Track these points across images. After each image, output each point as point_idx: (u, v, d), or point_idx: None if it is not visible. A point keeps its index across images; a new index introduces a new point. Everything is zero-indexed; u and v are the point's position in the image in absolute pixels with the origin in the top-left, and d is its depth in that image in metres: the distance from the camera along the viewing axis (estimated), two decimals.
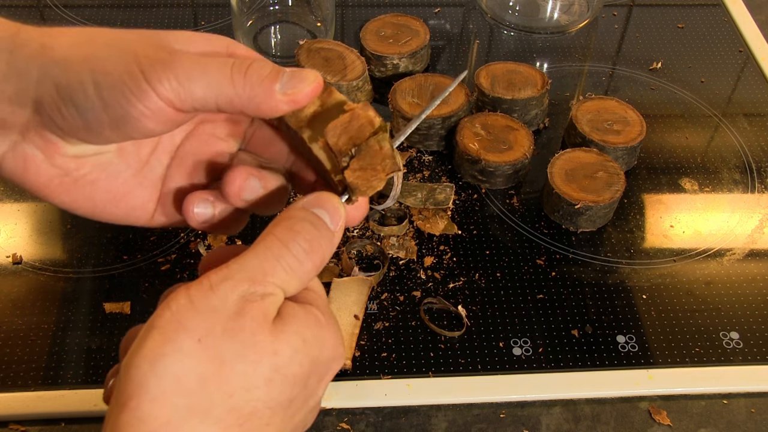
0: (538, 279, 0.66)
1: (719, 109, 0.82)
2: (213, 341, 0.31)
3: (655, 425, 0.58)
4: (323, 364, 0.35)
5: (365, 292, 0.63)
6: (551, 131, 0.79)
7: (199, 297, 0.32)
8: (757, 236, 0.70)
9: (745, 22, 0.92)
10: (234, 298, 0.32)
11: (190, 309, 0.31)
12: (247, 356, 0.31)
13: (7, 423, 0.57)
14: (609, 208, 0.69)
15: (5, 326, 0.61)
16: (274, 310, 0.33)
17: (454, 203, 0.71)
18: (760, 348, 0.61)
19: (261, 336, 0.32)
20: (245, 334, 0.31)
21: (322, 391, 0.36)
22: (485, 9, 0.93)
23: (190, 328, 0.31)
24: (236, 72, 0.34)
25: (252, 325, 0.32)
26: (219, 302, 0.32)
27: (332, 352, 0.35)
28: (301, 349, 0.33)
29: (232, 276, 0.33)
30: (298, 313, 0.34)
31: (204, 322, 0.31)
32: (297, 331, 0.33)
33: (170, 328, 0.31)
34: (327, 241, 0.35)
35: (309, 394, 0.35)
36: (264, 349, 0.32)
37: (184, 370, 0.30)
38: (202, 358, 0.31)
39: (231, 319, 0.32)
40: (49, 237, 0.68)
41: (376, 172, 0.35)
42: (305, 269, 0.35)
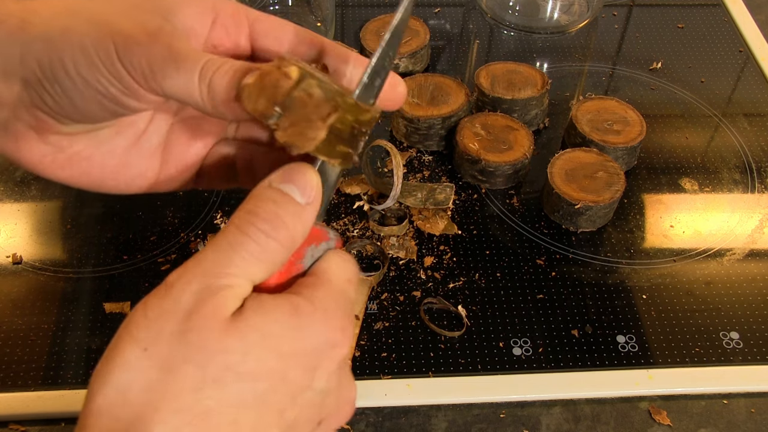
0: (538, 279, 0.66)
1: (719, 109, 0.82)
2: (159, 348, 0.30)
3: (655, 425, 0.58)
4: (306, 353, 0.33)
5: (365, 292, 0.63)
6: (551, 131, 0.79)
7: (153, 303, 0.32)
8: (757, 236, 0.70)
9: (745, 22, 0.92)
10: (187, 296, 0.31)
11: (142, 317, 0.31)
12: (194, 357, 0.30)
13: (7, 423, 0.57)
14: (609, 208, 0.69)
15: (5, 326, 0.61)
16: (232, 303, 0.32)
17: (454, 203, 0.71)
18: (760, 348, 0.61)
19: (209, 334, 0.31)
20: (193, 335, 0.31)
21: (325, 382, 0.34)
22: (485, 9, 0.93)
23: (138, 339, 0.31)
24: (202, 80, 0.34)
25: (201, 324, 0.31)
26: (171, 304, 0.31)
27: (321, 339, 0.33)
28: (258, 343, 0.31)
29: (186, 272, 0.32)
30: (263, 305, 0.32)
31: (152, 330, 0.31)
32: (254, 324, 0.31)
33: (118, 342, 0.31)
34: (293, 216, 0.33)
35: (297, 389, 0.33)
36: (211, 348, 0.30)
37: (128, 383, 0.30)
38: (145, 368, 0.30)
39: (181, 320, 0.31)
40: (49, 237, 0.68)
41: (311, 122, 0.32)
42: (269, 251, 0.33)
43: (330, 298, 0.34)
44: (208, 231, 0.68)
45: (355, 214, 0.70)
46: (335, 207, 0.70)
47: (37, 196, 0.71)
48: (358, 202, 0.71)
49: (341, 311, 0.34)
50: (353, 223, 0.69)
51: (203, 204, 0.71)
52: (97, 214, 0.70)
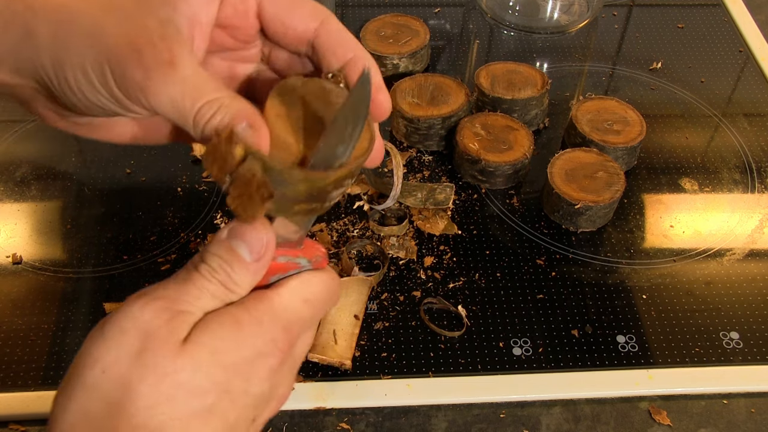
0: (538, 279, 0.66)
1: (719, 109, 0.82)
2: (118, 369, 0.33)
3: (655, 425, 0.58)
4: (243, 363, 0.36)
5: (365, 292, 0.63)
6: (551, 131, 0.79)
7: (111, 323, 0.34)
8: (757, 236, 0.70)
9: (745, 22, 0.92)
10: (146, 317, 0.34)
11: (100, 339, 0.34)
12: (148, 377, 0.33)
13: (7, 423, 0.57)
14: (609, 208, 0.69)
15: (5, 326, 0.61)
16: (185, 328, 0.35)
17: (454, 203, 0.71)
18: (760, 348, 0.61)
19: (163, 355, 0.33)
20: (148, 356, 0.33)
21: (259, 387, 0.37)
22: (485, 9, 0.93)
23: (97, 359, 0.34)
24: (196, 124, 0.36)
25: (155, 345, 0.34)
26: (130, 324, 0.34)
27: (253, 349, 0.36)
28: (206, 360, 0.34)
29: (146, 296, 0.35)
30: (208, 324, 0.35)
31: (110, 351, 0.34)
32: (201, 342, 0.34)
33: (78, 366, 0.34)
34: (239, 270, 0.36)
35: (237, 395, 0.36)
36: (165, 368, 0.33)
37: (89, 404, 0.33)
38: (105, 389, 0.33)
39: (139, 341, 0.34)
40: (49, 237, 0.68)
41: (252, 199, 0.34)
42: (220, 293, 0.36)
43: (270, 313, 0.37)
44: (208, 231, 0.68)
45: (355, 214, 0.70)
46: (335, 207, 0.70)
47: (37, 196, 0.71)
48: (358, 202, 0.71)
49: (279, 326, 0.37)
50: (353, 223, 0.69)
51: (203, 204, 0.71)
52: (97, 214, 0.70)
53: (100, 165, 0.74)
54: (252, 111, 0.36)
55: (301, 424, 0.57)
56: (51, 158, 0.75)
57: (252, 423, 0.38)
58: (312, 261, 0.40)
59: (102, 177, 0.73)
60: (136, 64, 0.34)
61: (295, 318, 0.38)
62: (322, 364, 0.59)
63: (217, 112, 0.35)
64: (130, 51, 0.35)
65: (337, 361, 0.58)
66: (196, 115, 0.35)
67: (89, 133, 0.42)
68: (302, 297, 0.38)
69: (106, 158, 0.75)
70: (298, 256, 0.39)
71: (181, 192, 0.72)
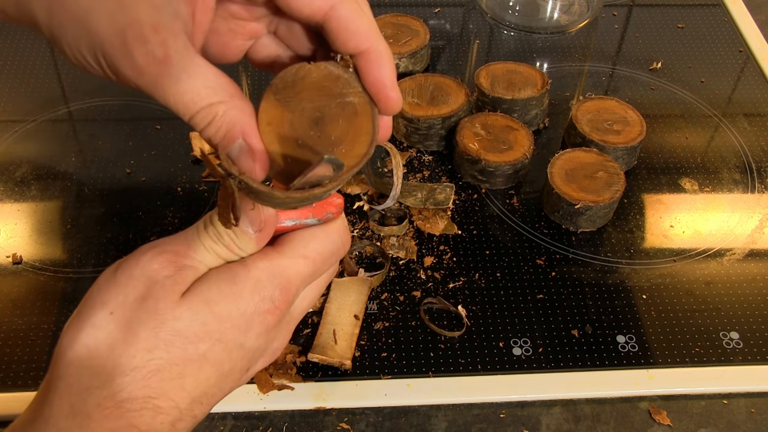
0: (538, 279, 0.66)
1: (719, 109, 0.82)
2: (123, 312, 0.36)
3: (655, 425, 0.58)
4: (240, 317, 0.38)
5: (365, 292, 0.63)
6: (551, 131, 0.79)
7: (123, 268, 0.37)
8: (757, 236, 0.70)
9: (745, 22, 0.92)
10: (154, 266, 0.37)
11: (112, 282, 0.37)
12: (149, 322, 0.36)
13: (7, 423, 0.57)
14: (609, 208, 0.69)
15: (5, 326, 0.61)
16: (189, 281, 0.37)
17: (454, 203, 0.71)
18: (760, 348, 0.61)
19: (164, 303, 0.36)
20: (151, 302, 0.36)
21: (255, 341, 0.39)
22: (485, 9, 0.93)
23: (106, 302, 0.37)
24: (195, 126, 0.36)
25: (159, 294, 0.36)
26: (139, 272, 0.37)
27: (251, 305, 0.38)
28: (202, 310, 0.37)
29: (157, 246, 0.38)
30: (207, 276, 0.38)
31: (119, 294, 0.37)
32: (199, 293, 0.37)
33: (87, 302, 0.37)
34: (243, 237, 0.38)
35: (232, 346, 0.38)
36: (165, 315, 0.36)
37: (95, 341, 0.36)
38: (110, 329, 0.36)
39: (145, 289, 0.36)
40: (49, 237, 0.68)
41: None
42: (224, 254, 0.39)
43: (269, 270, 0.39)
44: None
45: (355, 214, 0.70)
46: None
47: (37, 196, 0.71)
48: (358, 202, 0.71)
49: (276, 282, 0.39)
50: (353, 223, 0.69)
51: (203, 204, 0.71)
52: (97, 214, 0.70)
53: (100, 165, 0.74)
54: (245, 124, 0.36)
55: (301, 424, 0.57)
56: (51, 158, 0.75)
57: (245, 372, 0.41)
58: (322, 219, 0.40)
59: (102, 177, 0.73)
60: (127, 63, 0.34)
61: (294, 274, 0.39)
62: (322, 364, 0.59)
63: (211, 123, 0.36)
64: (121, 45, 0.33)
65: (337, 361, 0.58)
66: (191, 121, 0.36)
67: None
68: (301, 253, 0.40)
69: (106, 158, 0.75)
70: (308, 217, 0.40)
71: (181, 192, 0.72)
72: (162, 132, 0.77)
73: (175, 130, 0.77)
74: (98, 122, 0.78)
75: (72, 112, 0.79)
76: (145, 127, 0.78)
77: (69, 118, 0.79)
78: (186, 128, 0.77)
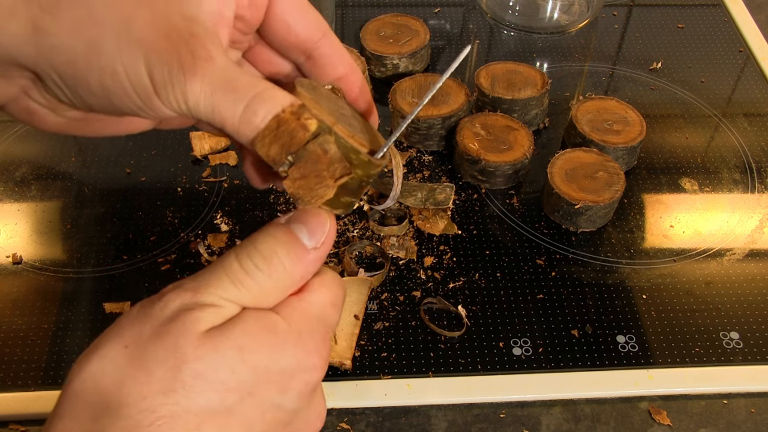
0: (538, 279, 0.66)
1: (719, 109, 0.82)
2: (138, 347, 0.32)
3: (655, 425, 0.58)
4: (279, 373, 0.33)
5: (365, 292, 0.63)
6: (551, 131, 0.79)
7: (144, 306, 0.33)
8: (757, 236, 0.70)
9: (745, 22, 0.92)
10: (174, 306, 0.33)
11: (132, 317, 0.33)
12: (167, 361, 0.31)
13: (7, 423, 0.57)
14: (609, 208, 0.69)
15: (5, 326, 0.61)
16: (212, 319, 0.33)
17: (454, 203, 0.71)
18: (760, 348, 0.61)
19: (184, 341, 0.31)
20: (170, 340, 0.32)
21: (296, 402, 0.34)
22: (485, 9, 0.93)
23: (122, 335, 0.32)
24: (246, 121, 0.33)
25: (178, 331, 0.32)
26: (158, 310, 0.33)
27: (293, 361, 0.33)
28: (232, 355, 0.32)
29: (179, 286, 0.33)
30: (242, 320, 0.33)
31: (136, 329, 0.32)
32: (230, 335, 0.32)
33: (107, 336, 0.33)
34: (292, 257, 0.34)
35: (266, 406, 0.33)
36: (185, 355, 0.31)
37: (103, 373, 0.31)
38: (122, 364, 0.32)
39: (162, 324, 0.32)
40: (49, 237, 0.68)
41: (322, 179, 0.32)
42: (261, 286, 0.34)
43: (307, 322, 0.34)
44: (208, 231, 0.68)
45: (355, 214, 0.70)
46: None
47: (37, 196, 0.71)
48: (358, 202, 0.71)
49: (318, 335, 0.35)
50: (353, 223, 0.69)
51: (203, 204, 0.71)
52: (97, 214, 0.70)
53: (100, 165, 0.74)
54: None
55: None
56: (51, 158, 0.75)
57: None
58: None
59: (102, 177, 0.73)
60: (176, 62, 0.32)
61: (329, 324, 0.36)
62: None
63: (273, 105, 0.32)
64: (168, 47, 0.32)
65: (337, 361, 0.58)
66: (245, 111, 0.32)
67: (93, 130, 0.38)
68: (330, 302, 0.36)
69: (106, 158, 0.75)
70: None
71: (181, 192, 0.72)
72: (162, 132, 0.77)
73: (175, 130, 0.77)
74: None
75: None
76: None
77: None
78: (186, 128, 0.77)
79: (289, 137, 0.32)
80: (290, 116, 0.32)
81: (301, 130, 0.32)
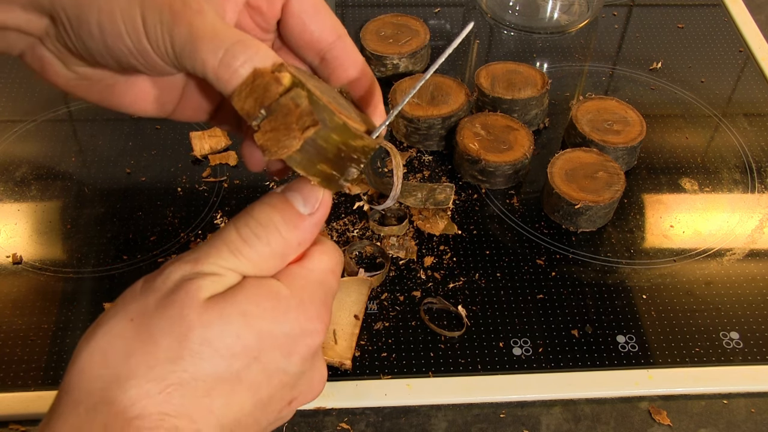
0: (538, 279, 0.66)
1: (719, 109, 0.82)
2: (143, 319, 0.32)
3: (655, 425, 0.58)
4: (283, 337, 0.34)
5: (365, 292, 0.63)
6: (551, 131, 0.79)
7: (148, 280, 0.34)
8: (757, 236, 0.70)
9: (745, 22, 0.92)
10: (176, 278, 0.33)
11: (135, 292, 0.34)
12: (173, 330, 0.32)
13: (7, 423, 0.57)
14: (609, 208, 0.69)
15: (5, 326, 0.61)
16: (213, 287, 0.33)
17: (454, 203, 0.71)
18: (760, 348, 0.61)
19: (189, 310, 0.32)
20: (174, 309, 0.32)
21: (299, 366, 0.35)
22: (485, 9, 0.93)
23: (127, 310, 0.33)
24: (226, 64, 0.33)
25: (182, 300, 0.32)
26: (160, 283, 0.33)
27: (296, 326, 0.34)
28: (237, 320, 0.33)
29: (179, 259, 0.34)
30: (245, 287, 0.34)
31: (140, 302, 0.33)
32: (234, 301, 0.33)
33: (112, 311, 0.33)
34: (288, 223, 0.35)
35: (272, 370, 0.34)
36: (191, 323, 0.32)
37: (111, 346, 0.32)
38: (129, 336, 0.32)
39: (165, 296, 0.33)
40: (49, 237, 0.68)
41: (290, 130, 0.32)
42: (259, 253, 0.34)
43: (308, 288, 0.35)
44: (208, 231, 0.68)
45: (355, 214, 0.70)
46: (335, 207, 0.70)
47: (37, 196, 0.71)
48: (358, 202, 0.71)
49: (318, 300, 0.36)
50: (353, 223, 0.69)
51: (203, 204, 0.71)
52: (97, 214, 0.70)
53: (100, 165, 0.74)
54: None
55: (301, 424, 0.57)
56: (51, 158, 0.75)
57: (287, 406, 0.36)
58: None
59: (102, 177, 0.73)
60: (167, 8, 0.32)
61: (329, 291, 0.37)
62: None
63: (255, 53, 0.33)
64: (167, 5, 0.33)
65: (337, 361, 0.58)
66: (225, 54, 0.33)
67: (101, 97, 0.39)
68: (330, 269, 0.37)
69: (106, 158, 0.75)
70: None
71: (181, 192, 0.72)
72: (162, 132, 0.77)
73: (175, 130, 0.77)
74: (98, 122, 0.78)
75: (72, 112, 0.79)
76: (145, 127, 0.78)
77: (69, 118, 0.79)
78: (186, 128, 0.77)
79: (263, 90, 0.32)
80: (266, 70, 0.33)
81: (275, 83, 0.32)
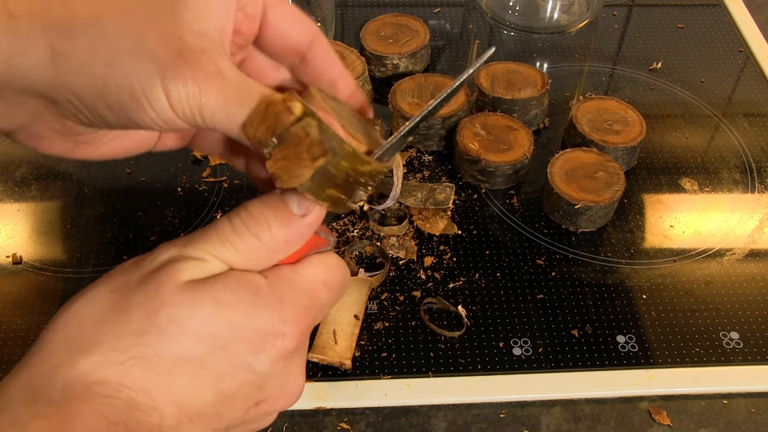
0: (538, 279, 0.66)
1: (719, 109, 0.82)
2: (123, 293, 0.34)
3: (655, 425, 0.58)
4: (253, 332, 0.34)
5: (365, 292, 0.63)
6: (551, 131, 0.79)
7: (138, 259, 0.35)
8: (757, 236, 0.70)
9: (745, 22, 0.92)
10: (163, 258, 0.35)
11: (124, 268, 0.35)
12: (146, 305, 0.33)
13: None
14: (609, 208, 0.69)
15: (5, 326, 0.61)
16: (195, 272, 0.34)
17: (454, 203, 0.71)
18: (760, 348, 0.61)
19: (165, 288, 0.33)
20: (151, 286, 0.33)
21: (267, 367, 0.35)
22: (485, 9, 0.93)
23: (111, 283, 0.35)
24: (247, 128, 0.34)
25: (160, 279, 0.33)
26: (148, 262, 0.35)
27: (268, 324, 0.34)
28: (208, 307, 0.33)
29: (171, 243, 0.35)
30: (227, 277, 0.34)
31: (124, 277, 0.34)
32: (212, 289, 0.34)
33: (97, 282, 0.35)
34: (280, 222, 0.35)
35: (237, 363, 0.34)
36: (163, 300, 0.33)
37: (86, 313, 0.34)
38: (105, 306, 0.33)
39: (148, 274, 0.34)
40: (49, 237, 0.68)
41: (301, 159, 0.33)
42: (249, 246, 0.35)
43: (292, 291, 0.36)
44: None
45: (355, 214, 0.70)
46: None
47: (37, 196, 0.71)
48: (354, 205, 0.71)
49: (300, 306, 0.36)
50: (353, 223, 0.69)
51: (203, 204, 0.71)
52: (97, 214, 0.70)
53: (100, 165, 0.74)
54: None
55: (301, 424, 0.57)
56: (51, 158, 0.75)
57: (255, 407, 0.36)
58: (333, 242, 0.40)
59: (102, 177, 0.73)
60: (190, 79, 0.33)
61: (316, 301, 0.37)
62: (322, 364, 0.59)
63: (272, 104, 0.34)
64: (182, 65, 0.33)
65: (337, 361, 0.58)
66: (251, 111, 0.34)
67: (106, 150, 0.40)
68: (323, 280, 0.37)
69: None
70: (329, 233, 0.39)
71: (181, 192, 0.72)
72: None
73: None
74: None
75: None
76: None
77: None
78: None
79: (275, 119, 0.33)
80: (278, 99, 0.33)
81: (287, 112, 0.33)
